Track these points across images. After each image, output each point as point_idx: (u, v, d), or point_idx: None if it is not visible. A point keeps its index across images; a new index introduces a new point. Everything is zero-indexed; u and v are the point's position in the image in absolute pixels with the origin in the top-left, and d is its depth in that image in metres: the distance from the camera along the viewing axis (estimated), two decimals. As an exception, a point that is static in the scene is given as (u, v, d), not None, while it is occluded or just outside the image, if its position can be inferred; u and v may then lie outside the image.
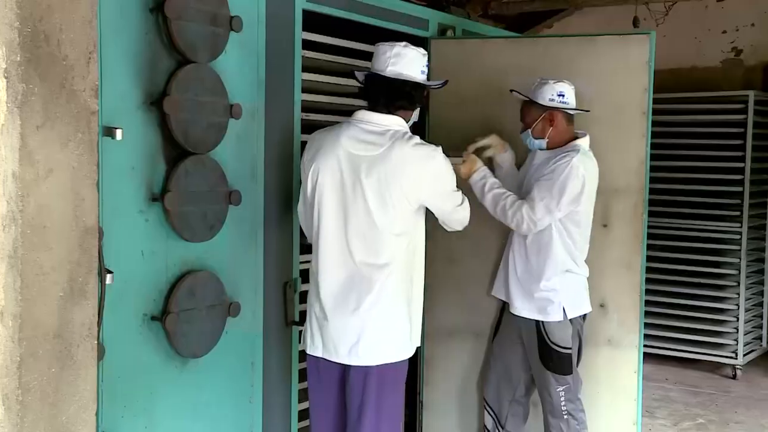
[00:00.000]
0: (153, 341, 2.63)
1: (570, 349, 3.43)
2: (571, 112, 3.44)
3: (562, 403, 3.45)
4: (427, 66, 2.91)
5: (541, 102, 3.40)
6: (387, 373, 2.80)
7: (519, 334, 3.53)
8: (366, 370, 2.77)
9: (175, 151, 2.64)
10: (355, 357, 2.78)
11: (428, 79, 2.95)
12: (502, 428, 3.62)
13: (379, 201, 2.74)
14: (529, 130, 3.45)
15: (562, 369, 3.43)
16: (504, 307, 3.61)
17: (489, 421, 3.64)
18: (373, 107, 2.86)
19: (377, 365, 2.78)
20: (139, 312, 2.59)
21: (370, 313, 2.76)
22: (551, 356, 3.42)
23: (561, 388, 3.44)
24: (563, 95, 3.40)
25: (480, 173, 3.41)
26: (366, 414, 2.78)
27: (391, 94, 2.84)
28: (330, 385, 2.87)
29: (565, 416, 3.46)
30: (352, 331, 2.77)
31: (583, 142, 3.44)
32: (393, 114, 2.85)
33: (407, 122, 2.89)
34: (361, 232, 2.76)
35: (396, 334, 2.82)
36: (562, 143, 3.44)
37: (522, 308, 3.46)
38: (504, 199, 3.36)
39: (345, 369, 2.82)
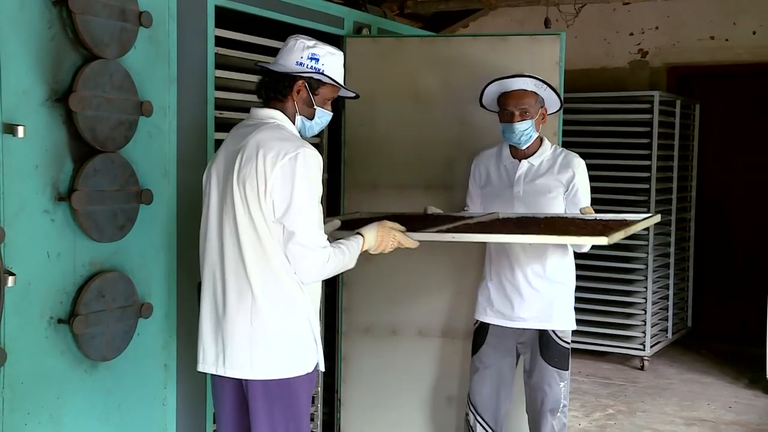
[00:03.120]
0: (60, 345, 2.55)
1: (570, 344, 3.41)
2: (550, 113, 3.45)
3: (563, 398, 3.38)
4: (314, 59, 2.65)
5: (542, 97, 3.35)
6: (272, 388, 2.56)
7: (515, 341, 3.44)
8: (247, 381, 2.58)
9: (83, 149, 2.57)
10: (221, 368, 2.59)
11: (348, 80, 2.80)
12: None
13: (240, 198, 2.52)
14: (533, 122, 3.33)
15: (564, 364, 3.39)
16: (486, 326, 3.46)
17: None
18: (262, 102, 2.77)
19: (254, 380, 2.56)
20: (45, 315, 2.51)
21: (236, 322, 2.55)
22: (555, 352, 3.36)
23: (563, 384, 3.38)
24: None
25: None
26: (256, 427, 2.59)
27: (258, 86, 2.74)
28: (226, 393, 2.69)
29: (559, 413, 3.39)
30: (218, 339, 2.60)
31: None
32: (271, 107, 2.68)
33: (291, 118, 2.68)
34: (231, 235, 2.55)
35: (269, 349, 2.55)
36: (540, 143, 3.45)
37: (539, 322, 3.36)
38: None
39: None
